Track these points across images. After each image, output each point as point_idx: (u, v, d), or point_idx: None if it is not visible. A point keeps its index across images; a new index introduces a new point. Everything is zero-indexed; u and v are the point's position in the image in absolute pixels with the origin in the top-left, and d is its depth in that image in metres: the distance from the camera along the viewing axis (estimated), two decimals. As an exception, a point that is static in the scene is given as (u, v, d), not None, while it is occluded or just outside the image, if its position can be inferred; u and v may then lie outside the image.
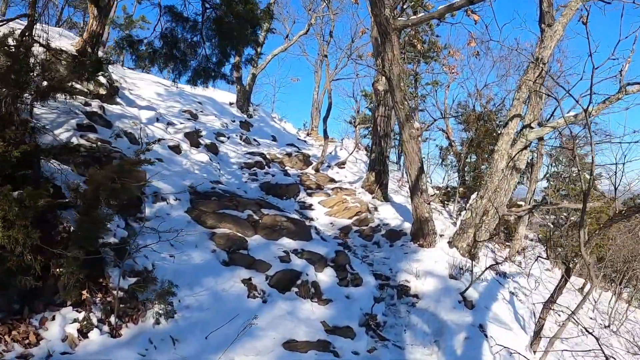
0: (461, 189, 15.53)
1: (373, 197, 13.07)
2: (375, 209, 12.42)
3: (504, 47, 21.68)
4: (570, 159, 20.27)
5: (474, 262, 8.70)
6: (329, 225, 11.21)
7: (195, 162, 11.20)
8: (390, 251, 10.02)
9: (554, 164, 22.05)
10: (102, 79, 10.34)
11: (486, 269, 8.39)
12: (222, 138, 14.85)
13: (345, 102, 63.68)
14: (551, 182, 21.46)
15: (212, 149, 13.24)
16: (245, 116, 19.38)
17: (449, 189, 16.48)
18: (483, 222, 9.83)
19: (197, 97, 18.52)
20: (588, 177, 10.69)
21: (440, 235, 10.44)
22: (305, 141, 20.68)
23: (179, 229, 6.71)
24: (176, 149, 10.98)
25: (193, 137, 12.17)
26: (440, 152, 20.37)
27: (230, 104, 19.91)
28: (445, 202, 15.30)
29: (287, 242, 8.49)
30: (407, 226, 10.97)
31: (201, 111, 17.17)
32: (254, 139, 16.33)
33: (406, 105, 9.71)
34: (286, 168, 14.15)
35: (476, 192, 10.54)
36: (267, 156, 14.32)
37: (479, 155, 16.27)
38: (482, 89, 19.41)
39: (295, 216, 9.80)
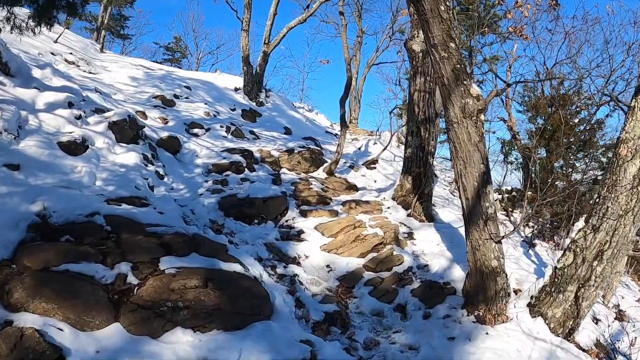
0: (529, 192, 10.68)
1: (409, 215, 8.13)
2: (409, 236, 7.52)
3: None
4: None
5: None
6: (323, 270, 6.50)
7: (108, 166, 6.87)
8: (424, 330, 5.17)
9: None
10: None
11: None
12: (195, 130, 10.61)
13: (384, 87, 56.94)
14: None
15: (167, 145, 8.97)
16: (252, 104, 15.12)
17: (513, 192, 12.85)
18: (594, 272, 4.76)
19: (188, 81, 14.48)
20: None
21: (515, 292, 5.50)
22: (337, 135, 15.98)
23: None
24: (72, 147, 6.69)
25: (125, 129, 7.86)
26: (502, 147, 15.24)
27: (236, 89, 15.71)
28: (510, 209, 11.37)
29: (189, 341, 3.88)
30: (459, 274, 6.02)
31: (186, 97, 13.13)
32: (252, 132, 11.90)
33: (453, 52, 4.85)
34: (281, 171, 9.55)
35: (582, 219, 5.47)
36: (256, 154, 9.80)
37: (551, 151, 12.50)
38: (552, 68, 13.90)
39: (236, 268, 5.16)
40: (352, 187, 9.63)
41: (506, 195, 13.09)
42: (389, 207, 8.53)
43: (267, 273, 5.89)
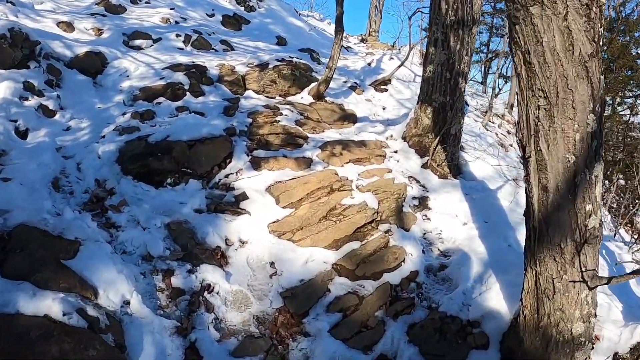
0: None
1: (425, 166, 5.23)
2: (422, 203, 4.87)
3: None
4: None
5: None
6: (262, 273, 3.90)
7: None
8: None
9: None
10: None
11: None
12: (138, 42, 7.70)
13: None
14: None
15: (84, 65, 6.31)
16: (240, 8, 11.86)
17: None
18: None
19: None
20: None
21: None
22: (349, 48, 12.64)
23: None
24: None
25: (3, 49, 5.17)
26: None
27: (225, -9, 12.29)
28: None
29: None
30: (497, 302, 3.21)
31: (147, 2, 9.98)
32: (225, 42, 8.83)
33: None
34: (245, 94, 6.62)
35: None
36: (212, 71, 6.85)
37: (613, 88, 10.70)
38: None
39: (52, 309, 2.60)
40: (349, 117, 6.61)
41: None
42: (395, 152, 5.57)
43: (146, 291, 3.30)
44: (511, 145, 8.30)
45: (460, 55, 5.48)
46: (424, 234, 4.66)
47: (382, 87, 7.92)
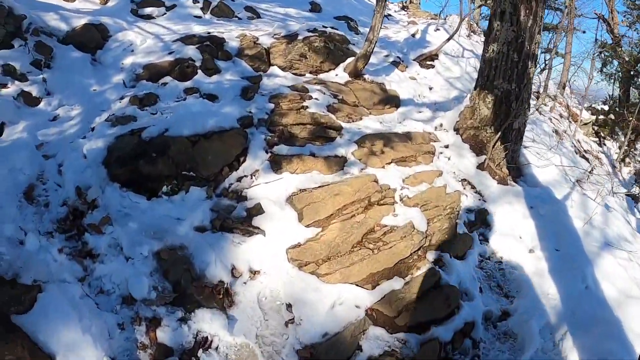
0: (632, 119, 7.70)
1: (481, 167, 4.20)
2: (479, 218, 3.95)
3: None
4: None
5: None
6: (276, 319, 3.00)
7: None
8: None
9: None
10: None
11: None
12: (148, 10, 6.85)
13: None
14: None
15: (81, 40, 5.65)
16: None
17: (611, 115, 9.49)
18: None
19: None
20: None
21: None
22: (389, 16, 11.32)
23: None
24: None
25: None
26: (599, 53, 11.24)
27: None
28: (603, 137, 8.75)
29: None
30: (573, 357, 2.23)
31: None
32: (250, 8, 7.74)
33: None
34: (269, 71, 5.61)
35: None
36: (231, 43, 5.85)
37: None
38: None
39: None
40: (391, 100, 5.50)
41: (601, 116, 9.61)
42: (446, 146, 4.54)
43: (123, 349, 2.49)
44: (565, 132, 7.09)
45: (531, 33, 4.36)
46: (481, 261, 3.68)
47: (428, 62, 6.74)
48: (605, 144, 8.97)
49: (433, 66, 6.68)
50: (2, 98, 4.12)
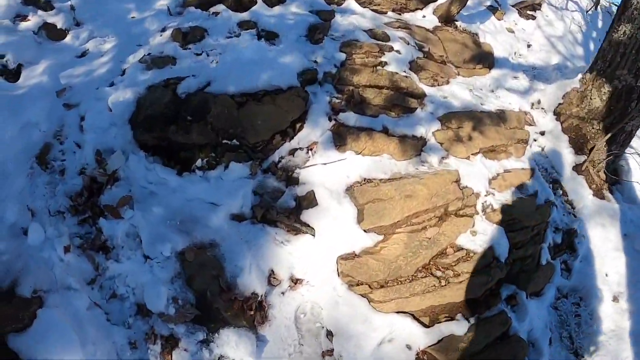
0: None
1: (578, 168, 3.32)
2: (565, 241, 3.34)
3: None
4: None
5: None
6: (312, 347, 2.45)
7: None
8: None
9: None
10: None
11: None
12: None
13: None
14: None
15: None
16: None
17: None
18: None
19: None
20: None
21: None
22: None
23: None
24: None
25: None
26: None
27: None
28: None
29: None
30: None
31: None
32: None
33: None
34: (344, 4, 4.61)
35: None
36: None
37: None
38: None
39: None
40: (484, 58, 4.42)
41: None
42: (542, 133, 3.64)
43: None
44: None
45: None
46: (557, 299, 2.93)
47: (529, 12, 5.41)
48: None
49: (534, 17, 5.37)
50: (21, 34, 3.53)
